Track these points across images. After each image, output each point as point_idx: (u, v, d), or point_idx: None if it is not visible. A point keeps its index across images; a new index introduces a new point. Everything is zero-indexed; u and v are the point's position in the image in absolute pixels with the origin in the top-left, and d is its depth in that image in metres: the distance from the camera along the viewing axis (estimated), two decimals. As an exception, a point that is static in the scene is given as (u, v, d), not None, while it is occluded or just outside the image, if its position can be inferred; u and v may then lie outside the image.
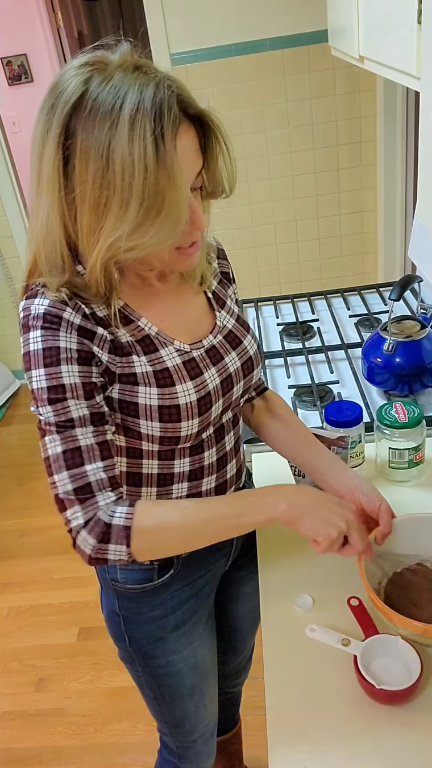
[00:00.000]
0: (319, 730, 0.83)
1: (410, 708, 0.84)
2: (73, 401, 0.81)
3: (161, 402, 0.86)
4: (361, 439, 1.23)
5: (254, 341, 1.02)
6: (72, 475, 0.80)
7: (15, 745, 1.86)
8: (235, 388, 0.98)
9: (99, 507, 0.81)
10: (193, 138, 0.77)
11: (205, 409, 0.91)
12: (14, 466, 3.08)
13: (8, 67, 3.94)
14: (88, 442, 0.81)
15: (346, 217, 3.11)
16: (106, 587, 1.05)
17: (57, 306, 0.80)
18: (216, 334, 0.96)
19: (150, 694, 1.13)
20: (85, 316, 0.82)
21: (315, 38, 2.67)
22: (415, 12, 0.85)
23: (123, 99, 0.71)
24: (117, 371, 0.85)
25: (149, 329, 0.88)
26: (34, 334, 0.80)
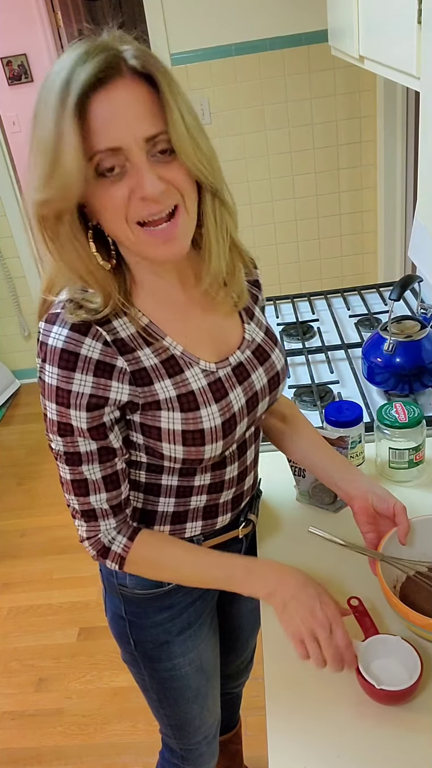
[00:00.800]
0: (319, 730, 0.83)
1: (410, 708, 0.84)
2: (81, 438, 0.82)
3: (185, 427, 0.85)
4: (361, 439, 1.23)
5: (282, 354, 0.99)
6: (78, 501, 0.87)
7: (15, 745, 1.86)
8: (260, 405, 0.95)
9: (100, 531, 0.89)
10: (139, 95, 0.72)
11: (230, 432, 0.89)
12: (14, 466, 3.08)
13: (8, 67, 3.94)
14: (94, 477, 0.85)
15: (346, 217, 3.12)
16: (111, 591, 1.04)
17: (75, 340, 0.77)
18: (244, 349, 0.93)
19: (154, 697, 1.12)
20: (106, 344, 0.79)
21: (315, 38, 2.67)
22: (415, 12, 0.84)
23: (60, 61, 0.72)
24: (140, 402, 0.83)
25: (174, 349, 0.85)
26: (50, 369, 0.79)
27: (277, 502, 1.21)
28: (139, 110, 0.72)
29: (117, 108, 0.71)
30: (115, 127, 0.71)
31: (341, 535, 1.00)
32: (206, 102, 2.84)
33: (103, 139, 0.71)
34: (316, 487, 1.16)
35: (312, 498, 1.18)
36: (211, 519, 0.99)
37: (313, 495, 1.17)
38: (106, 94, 0.71)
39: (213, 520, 0.99)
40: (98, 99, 0.70)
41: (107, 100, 0.71)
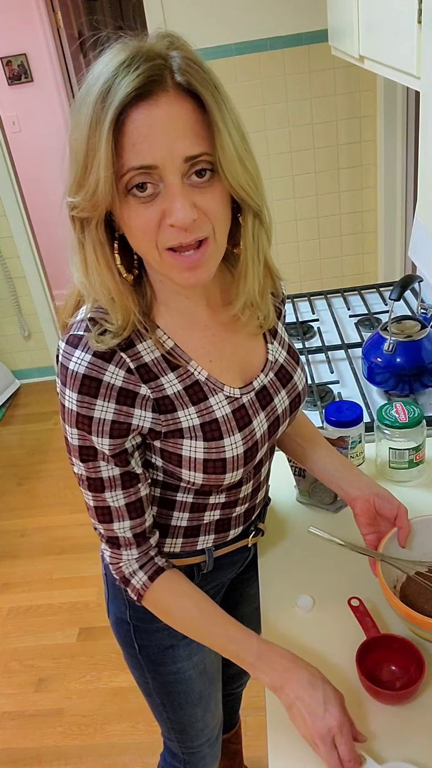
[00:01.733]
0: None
1: (412, 708, 0.84)
2: (104, 463, 0.81)
3: (206, 456, 0.83)
4: (361, 439, 1.23)
5: (303, 373, 0.96)
6: (103, 527, 0.86)
7: (15, 745, 1.86)
8: (281, 428, 0.93)
9: (122, 560, 0.88)
10: (180, 112, 0.68)
11: (251, 459, 0.88)
12: (14, 466, 3.08)
13: (8, 67, 3.94)
14: (117, 504, 0.84)
15: (346, 217, 3.11)
16: (116, 596, 1.03)
17: (98, 366, 0.75)
18: (267, 372, 0.90)
19: (158, 701, 1.11)
20: (129, 372, 0.77)
21: (315, 38, 2.67)
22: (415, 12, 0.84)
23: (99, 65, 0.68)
24: (163, 430, 0.81)
25: (199, 374, 0.83)
26: (71, 395, 0.76)
27: (277, 502, 1.21)
28: (180, 128, 0.68)
29: (156, 124, 0.67)
30: (151, 145, 0.67)
31: (341, 535, 1.00)
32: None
33: (138, 155, 0.67)
34: (316, 487, 1.16)
35: (312, 498, 1.18)
36: (223, 532, 0.99)
37: (313, 495, 1.17)
38: (148, 108, 0.67)
39: (225, 533, 0.99)
40: (137, 113, 0.67)
41: (147, 115, 0.67)
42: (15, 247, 3.37)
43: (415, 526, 0.98)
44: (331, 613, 0.99)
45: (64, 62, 4.05)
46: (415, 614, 0.84)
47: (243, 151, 0.72)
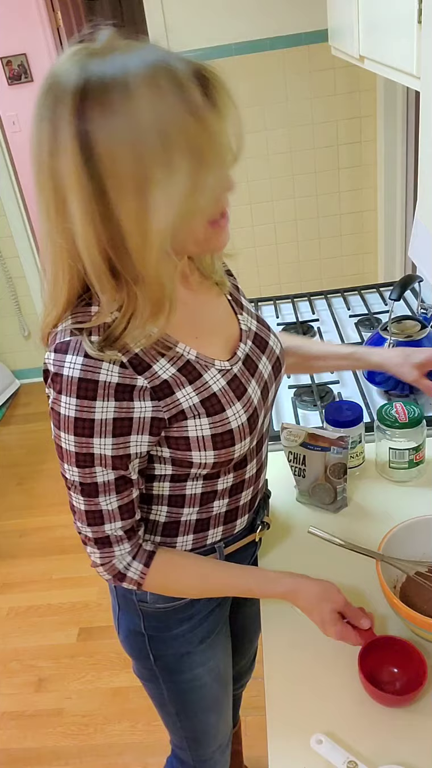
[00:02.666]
0: (319, 730, 0.83)
1: (412, 709, 0.84)
2: (101, 468, 0.79)
3: (213, 431, 0.84)
4: (361, 439, 1.23)
5: (277, 339, 1.00)
6: (92, 529, 0.85)
7: (15, 745, 1.86)
8: (270, 393, 0.96)
9: (114, 557, 0.87)
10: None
11: (255, 426, 0.89)
12: (14, 466, 3.08)
13: (8, 67, 3.94)
14: (110, 507, 0.83)
15: (346, 217, 3.11)
16: (127, 608, 1.02)
17: (92, 367, 0.73)
18: (245, 340, 0.93)
19: (172, 711, 1.10)
20: (122, 366, 0.75)
21: (315, 38, 2.67)
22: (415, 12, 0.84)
23: (128, 64, 0.64)
24: (165, 416, 0.80)
25: (188, 354, 0.83)
26: (67, 401, 0.74)
27: (277, 502, 1.21)
28: None
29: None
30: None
31: (341, 535, 1.00)
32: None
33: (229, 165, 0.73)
34: (316, 487, 1.16)
35: (312, 498, 1.18)
36: (231, 523, 0.99)
37: (313, 495, 1.17)
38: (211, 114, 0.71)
39: (233, 524, 0.99)
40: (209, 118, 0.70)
41: None
42: (15, 247, 3.37)
43: (415, 526, 0.99)
44: (331, 613, 0.98)
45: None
46: (415, 614, 0.84)
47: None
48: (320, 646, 0.94)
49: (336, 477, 1.12)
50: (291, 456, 1.16)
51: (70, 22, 4.14)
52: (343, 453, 1.10)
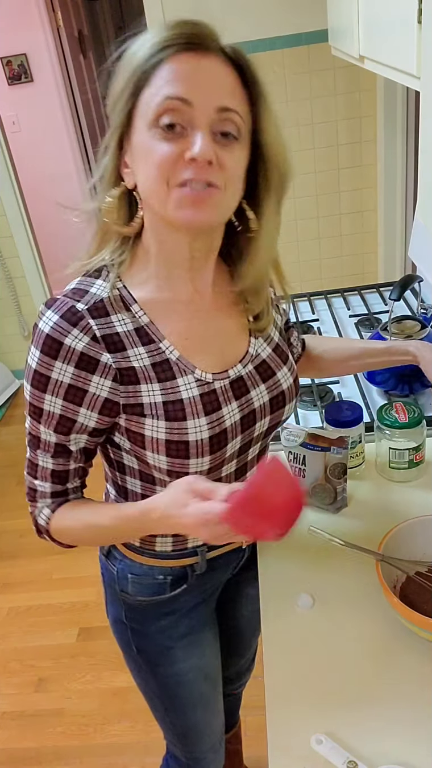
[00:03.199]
0: (319, 730, 0.83)
1: (412, 710, 0.84)
2: (44, 427, 0.82)
3: (168, 437, 0.82)
4: (361, 439, 1.23)
5: (291, 374, 0.95)
6: (28, 479, 0.89)
7: (15, 745, 1.85)
8: (258, 425, 0.91)
9: (37, 507, 0.90)
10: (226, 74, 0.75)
11: (218, 448, 0.85)
12: (14, 466, 3.08)
13: (8, 67, 3.94)
14: (44, 465, 0.86)
15: (346, 217, 3.11)
16: (112, 597, 1.03)
17: (62, 328, 0.76)
18: (246, 363, 0.89)
19: (159, 705, 1.11)
20: (93, 339, 0.77)
21: (315, 38, 2.67)
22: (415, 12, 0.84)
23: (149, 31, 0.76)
24: (121, 401, 0.81)
25: (170, 353, 0.83)
26: (34, 352, 0.78)
27: (277, 502, 1.21)
28: (221, 83, 0.75)
29: (202, 70, 0.74)
30: (192, 84, 0.73)
31: (341, 535, 1.00)
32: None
33: (176, 87, 0.72)
34: (316, 487, 1.16)
35: (312, 498, 1.18)
36: None
37: (313, 495, 1.17)
38: (197, 57, 0.74)
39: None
40: (187, 56, 0.73)
41: (195, 61, 0.74)
42: (15, 247, 3.37)
43: (415, 526, 0.99)
44: (331, 613, 0.98)
45: (64, 62, 4.05)
46: (415, 614, 0.84)
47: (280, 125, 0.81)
48: (320, 646, 0.94)
49: (336, 477, 1.12)
50: (291, 456, 1.16)
51: (70, 22, 4.14)
52: (343, 453, 1.10)
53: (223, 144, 0.75)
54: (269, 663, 0.93)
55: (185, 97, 0.72)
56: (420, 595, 0.94)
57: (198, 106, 0.72)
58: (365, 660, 0.91)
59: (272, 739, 0.84)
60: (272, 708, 0.87)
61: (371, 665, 0.90)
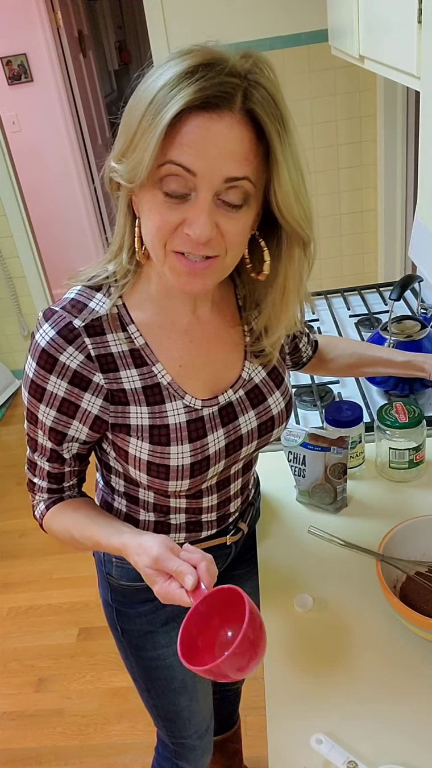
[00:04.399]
0: (319, 730, 0.83)
1: (412, 710, 0.84)
2: (41, 432, 0.84)
3: (151, 459, 0.83)
4: (361, 439, 1.23)
5: (284, 398, 0.94)
6: (28, 474, 0.92)
7: (15, 745, 1.86)
8: (245, 449, 0.91)
9: (35, 498, 0.93)
10: (241, 138, 0.69)
11: (200, 472, 0.86)
12: (14, 466, 3.08)
13: (8, 67, 3.94)
14: (41, 465, 0.89)
15: (346, 217, 3.11)
16: (101, 578, 1.07)
17: (58, 345, 0.77)
18: (237, 389, 0.89)
19: (143, 686, 1.14)
20: (88, 358, 0.78)
21: (315, 38, 2.67)
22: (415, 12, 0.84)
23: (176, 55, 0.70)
24: (110, 420, 0.82)
25: (162, 377, 0.83)
26: (30, 363, 0.80)
27: (277, 502, 1.21)
28: (233, 149, 0.69)
29: (212, 137, 0.68)
30: (199, 153, 0.68)
31: (341, 535, 1.00)
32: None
33: (182, 155, 0.68)
34: (316, 487, 1.16)
35: (312, 498, 1.18)
36: (195, 532, 0.98)
37: (313, 495, 1.17)
38: (209, 120, 0.68)
39: (197, 534, 0.98)
40: (198, 119, 0.67)
41: (206, 126, 0.68)
42: (15, 247, 3.37)
43: (415, 526, 0.98)
44: (331, 612, 0.98)
45: (64, 62, 4.05)
46: (415, 614, 0.84)
47: (299, 186, 0.74)
48: (320, 646, 0.94)
49: (336, 477, 1.12)
50: (291, 456, 1.16)
51: (70, 22, 4.14)
52: (343, 453, 1.10)
53: (226, 211, 0.72)
54: (269, 663, 0.93)
55: (190, 168, 0.68)
56: (420, 595, 0.94)
57: (203, 176, 0.69)
58: (365, 660, 0.91)
59: (272, 739, 0.84)
60: (272, 708, 0.87)
61: (371, 665, 0.90)
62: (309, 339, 1.16)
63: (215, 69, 0.67)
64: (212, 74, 0.67)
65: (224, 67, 0.68)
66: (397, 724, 0.83)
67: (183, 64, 0.67)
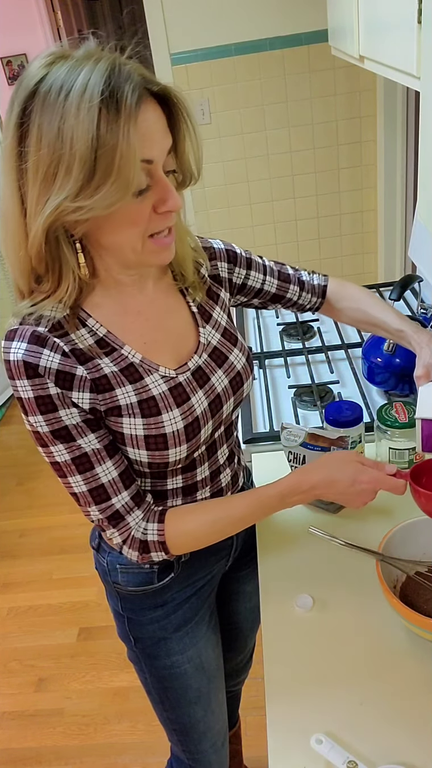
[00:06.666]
0: (319, 730, 0.83)
1: (412, 710, 0.84)
2: (82, 439, 0.82)
3: (147, 432, 0.86)
4: (361, 439, 1.23)
5: (242, 353, 0.99)
6: (101, 508, 0.86)
7: (15, 745, 1.86)
8: (225, 407, 0.96)
9: (131, 527, 0.88)
10: (159, 115, 0.76)
11: (194, 435, 0.90)
12: (14, 466, 3.08)
13: (8, 67, 3.94)
14: (110, 477, 0.85)
15: (346, 217, 3.12)
16: (109, 590, 1.06)
17: (33, 352, 0.78)
18: (201, 353, 0.94)
19: (157, 698, 1.12)
20: (64, 354, 0.80)
21: (315, 38, 2.67)
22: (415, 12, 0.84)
23: (79, 72, 0.70)
24: (102, 408, 0.84)
25: (133, 357, 0.86)
26: (22, 383, 0.79)
27: (277, 502, 1.21)
28: (163, 126, 0.76)
29: (153, 122, 0.74)
30: (153, 140, 0.74)
31: (341, 535, 1.00)
32: (206, 102, 2.83)
33: (150, 150, 0.74)
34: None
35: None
36: None
37: (313, 495, 1.17)
38: (145, 109, 0.73)
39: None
40: (143, 111, 0.72)
41: (149, 114, 0.74)
42: (15, 247, 3.36)
43: (415, 526, 0.98)
44: (331, 613, 0.99)
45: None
46: (415, 614, 0.84)
47: (196, 138, 0.82)
48: (320, 646, 0.94)
49: (336, 477, 1.12)
50: (291, 456, 1.16)
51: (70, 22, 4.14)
52: (343, 453, 1.10)
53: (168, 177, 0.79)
54: (269, 663, 0.93)
55: (148, 158, 0.74)
56: (420, 595, 0.94)
57: (157, 161, 0.76)
58: (365, 660, 0.91)
59: (272, 739, 0.84)
60: (272, 708, 0.87)
61: (371, 665, 0.90)
62: (306, 286, 1.15)
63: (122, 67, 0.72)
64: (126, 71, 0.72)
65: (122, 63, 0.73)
66: (397, 724, 0.83)
67: (93, 76, 0.70)
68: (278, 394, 1.54)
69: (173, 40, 2.73)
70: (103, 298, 0.86)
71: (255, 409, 1.50)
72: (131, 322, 0.88)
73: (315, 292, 1.17)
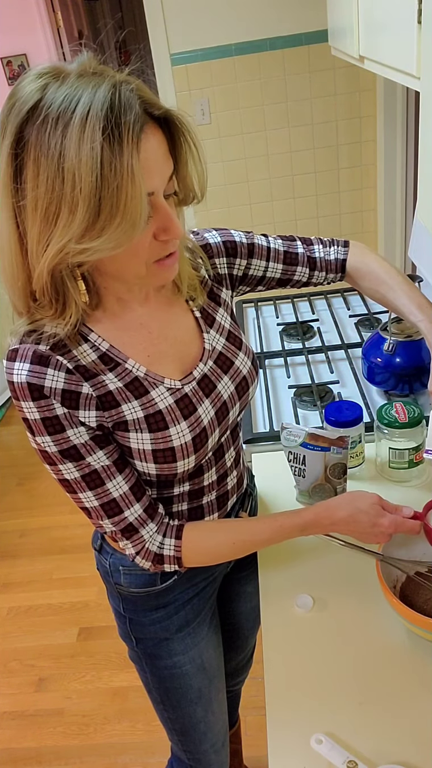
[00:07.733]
0: (319, 730, 0.83)
1: (412, 710, 0.84)
2: (91, 457, 0.82)
3: (154, 446, 0.85)
4: (361, 439, 1.23)
5: (248, 357, 0.98)
6: (114, 521, 0.86)
7: (15, 745, 1.86)
8: (231, 413, 0.95)
9: (145, 540, 0.89)
10: (161, 140, 0.73)
11: (201, 445, 0.89)
12: (14, 466, 3.08)
13: (8, 67, 3.94)
14: (121, 491, 0.85)
15: (346, 217, 3.12)
16: (110, 590, 1.05)
17: (37, 372, 0.77)
18: (206, 360, 0.92)
19: (158, 698, 1.12)
20: (68, 372, 0.79)
21: (315, 38, 2.67)
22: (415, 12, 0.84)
23: (77, 101, 0.67)
24: (109, 424, 0.83)
25: (137, 370, 0.85)
26: (27, 405, 0.78)
27: (277, 502, 1.21)
28: (164, 153, 0.74)
29: (153, 150, 0.72)
30: (153, 171, 0.72)
31: (341, 536, 1.00)
32: (206, 102, 2.84)
33: (152, 181, 0.72)
34: (316, 487, 1.16)
35: (312, 498, 1.18)
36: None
37: (313, 495, 1.17)
38: (146, 138, 0.70)
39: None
40: (143, 142, 0.69)
41: (150, 143, 0.71)
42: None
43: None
44: (331, 613, 0.99)
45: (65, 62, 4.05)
46: (415, 614, 0.84)
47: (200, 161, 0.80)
48: (320, 646, 0.94)
49: (336, 477, 1.12)
50: (291, 456, 1.16)
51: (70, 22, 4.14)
52: (343, 453, 1.10)
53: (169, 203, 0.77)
54: (269, 663, 0.93)
55: (150, 191, 0.72)
56: (420, 595, 0.94)
57: (159, 190, 0.74)
58: (365, 660, 0.91)
59: (272, 739, 0.84)
60: (272, 708, 0.87)
61: (371, 665, 0.90)
62: (318, 264, 1.12)
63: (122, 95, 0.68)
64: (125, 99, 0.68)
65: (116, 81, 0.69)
66: (397, 724, 0.83)
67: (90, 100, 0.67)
68: (278, 394, 1.54)
69: (173, 40, 2.74)
70: (104, 313, 0.85)
71: (255, 409, 1.50)
72: (133, 335, 0.87)
73: (331, 268, 1.13)
